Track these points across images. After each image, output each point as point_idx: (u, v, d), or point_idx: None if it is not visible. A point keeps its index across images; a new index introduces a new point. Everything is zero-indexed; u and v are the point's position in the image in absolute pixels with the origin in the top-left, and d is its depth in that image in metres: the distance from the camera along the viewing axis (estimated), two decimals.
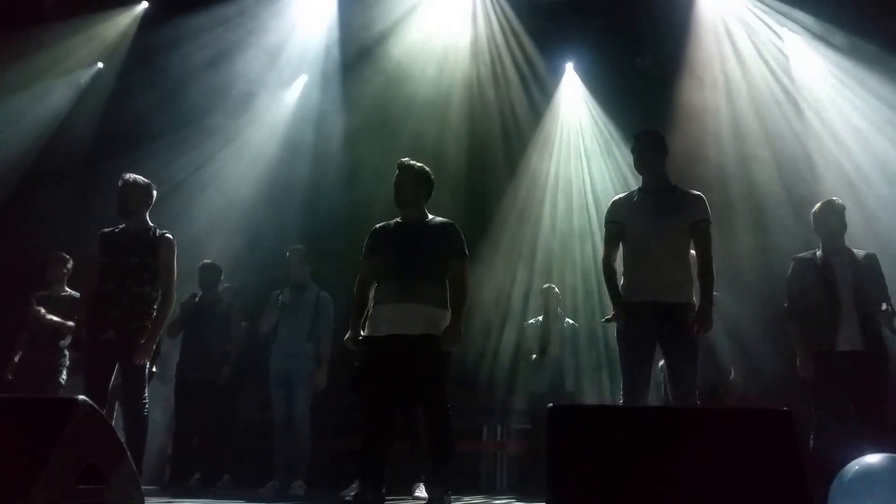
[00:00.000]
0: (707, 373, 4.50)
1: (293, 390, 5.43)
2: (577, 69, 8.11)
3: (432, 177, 3.99)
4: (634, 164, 4.01)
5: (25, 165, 7.02)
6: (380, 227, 3.97)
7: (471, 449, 6.87)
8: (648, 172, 3.93)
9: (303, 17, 7.66)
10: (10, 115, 6.98)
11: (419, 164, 3.95)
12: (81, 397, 1.78)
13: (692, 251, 3.91)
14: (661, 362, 4.10)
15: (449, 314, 3.75)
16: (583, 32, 7.52)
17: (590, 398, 6.59)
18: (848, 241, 4.50)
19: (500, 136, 7.85)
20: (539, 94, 7.97)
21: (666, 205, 3.84)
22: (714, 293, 3.81)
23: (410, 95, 7.49)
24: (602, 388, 7.02)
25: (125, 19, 7.74)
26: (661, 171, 3.94)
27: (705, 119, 7.25)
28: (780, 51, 7.23)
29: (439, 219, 3.94)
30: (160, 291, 4.31)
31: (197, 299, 5.91)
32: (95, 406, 1.82)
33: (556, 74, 8.09)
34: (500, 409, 7.03)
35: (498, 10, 7.62)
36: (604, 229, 4.01)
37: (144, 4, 7.77)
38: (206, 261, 6.08)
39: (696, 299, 3.78)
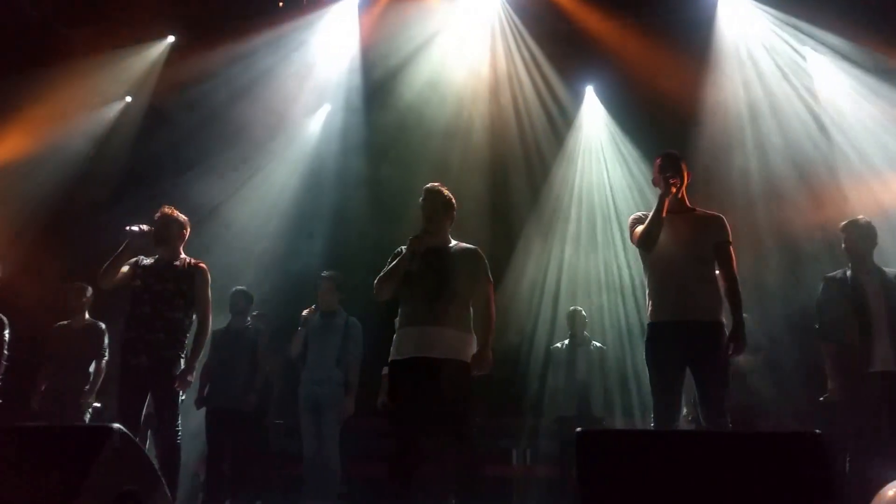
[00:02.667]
0: (738, 394, 4.43)
1: (322, 416, 5.45)
2: (597, 92, 8.14)
3: (454, 202, 4.01)
4: (655, 183, 4.00)
5: (57, 197, 7.18)
6: (405, 248, 3.96)
7: (500, 473, 6.81)
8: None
9: (326, 46, 7.78)
10: (43, 149, 7.16)
11: (445, 190, 3.99)
12: (116, 425, 1.81)
13: (717, 272, 3.88)
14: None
15: (473, 338, 3.75)
16: (602, 56, 7.54)
17: (618, 422, 6.51)
18: (879, 260, 4.44)
19: (521, 161, 7.86)
20: (560, 117, 7.98)
21: (687, 226, 3.82)
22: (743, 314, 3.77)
23: (432, 122, 7.55)
24: (631, 412, 6.94)
25: (153, 53, 7.92)
26: (681, 192, 3.92)
27: (728, 139, 7.22)
28: (804, 70, 7.19)
29: (463, 244, 3.96)
30: (196, 320, 4.38)
31: (225, 326, 5.96)
32: (129, 434, 1.85)
33: (577, 98, 8.11)
34: (528, 433, 6.97)
35: (517, 36, 7.67)
36: (631, 230, 3.95)
37: (171, 38, 7.94)
38: (237, 287, 6.14)
39: (724, 319, 3.74)
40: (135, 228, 4.26)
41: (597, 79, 8.03)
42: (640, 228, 3.82)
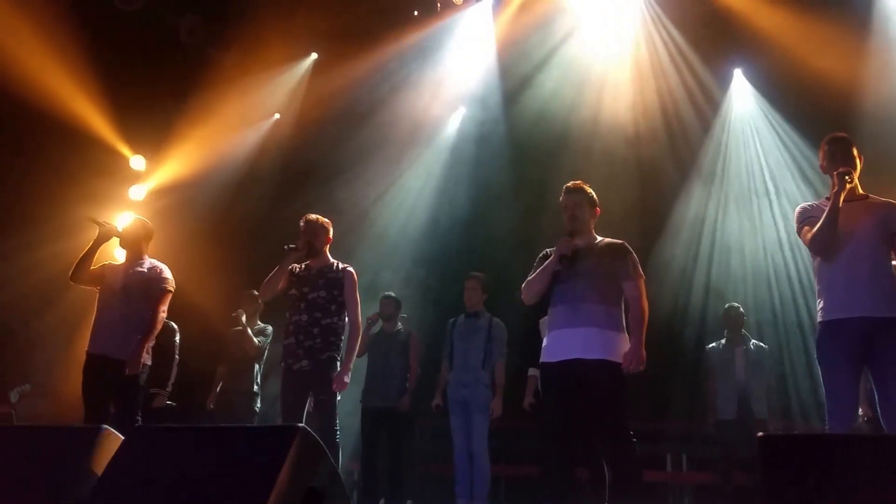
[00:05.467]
0: None
1: (471, 417, 5.49)
2: (746, 75, 7.70)
3: (597, 198, 3.92)
4: (824, 170, 3.72)
5: (219, 208, 7.71)
6: (551, 251, 3.92)
7: (654, 479, 6.57)
8: None
9: (461, 49, 7.85)
10: (205, 165, 7.72)
11: (587, 187, 3.90)
12: (301, 425, 1.90)
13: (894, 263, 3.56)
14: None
15: (625, 337, 3.65)
16: (750, 37, 7.11)
17: (779, 424, 6.11)
18: None
19: (668, 151, 7.55)
20: (707, 103, 7.60)
21: (861, 215, 3.52)
22: None
23: (572, 117, 7.43)
24: (792, 414, 6.52)
25: (298, 70, 8.37)
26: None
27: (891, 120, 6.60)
28: None
29: (609, 240, 3.85)
30: (348, 322, 4.57)
31: (380, 326, 6.13)
32: (313, 433, 1.94)
33: (725, 82, 7.72)
34: (684, 437, 6.69)
35: (658, 23, 7.40)
36: (799, 226, 3.68)
37: (314, 55, 8.35)
38: (385, 293, 6.30)
39: None
40: (293, 248, 4.47)
41: (745, 61, 7.60)
42: (809, 231, 3.54)
